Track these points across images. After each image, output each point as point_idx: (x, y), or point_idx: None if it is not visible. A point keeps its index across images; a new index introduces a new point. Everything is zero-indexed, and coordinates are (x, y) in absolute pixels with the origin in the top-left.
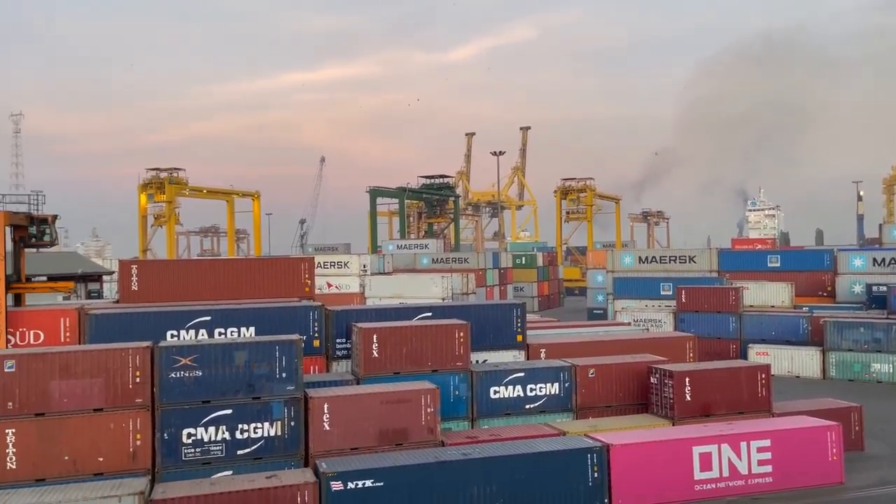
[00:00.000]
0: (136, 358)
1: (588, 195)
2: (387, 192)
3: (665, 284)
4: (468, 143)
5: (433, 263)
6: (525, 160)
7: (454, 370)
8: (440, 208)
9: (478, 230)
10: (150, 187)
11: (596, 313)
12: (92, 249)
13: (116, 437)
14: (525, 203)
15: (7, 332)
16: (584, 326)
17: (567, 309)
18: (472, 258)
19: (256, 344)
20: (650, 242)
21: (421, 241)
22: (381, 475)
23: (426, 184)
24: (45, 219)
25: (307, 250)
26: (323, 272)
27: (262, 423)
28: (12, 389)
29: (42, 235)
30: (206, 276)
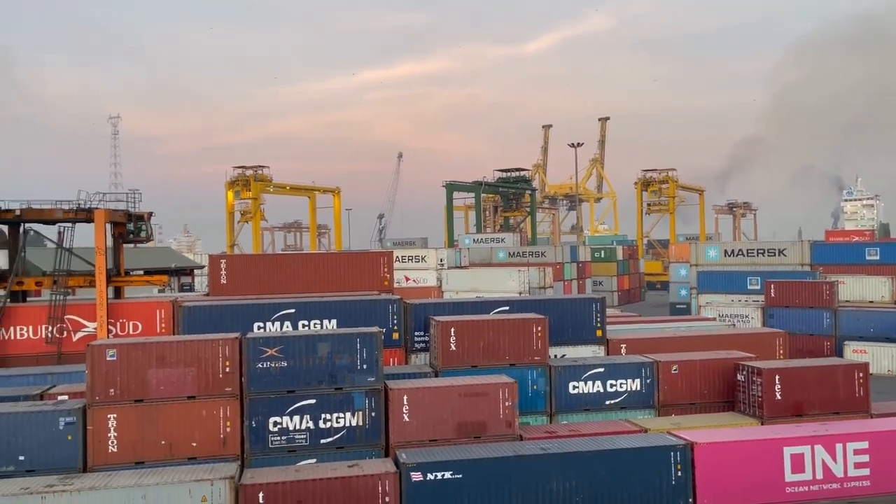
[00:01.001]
0: (225, 348)
1: (670, 186)
2: (463, 186)
3: (752, 278)
4: (545, 135)
5: (510, 257)
6: (604, 151)
7: (532, 364)
8: (516, 202)
9: (555, 223)
10: (237, 184)
11: (679, 308)
12: (183, 245)
13: (208, 424)
14: (604, 195)
15: (108, 323)
16: (667, 322)
17: (648, 304)
18: (549, 252)
19: (339, 336)
20: (736, 235)
21: (497, 235)
22: (460, 467)
23: (502, 177)
24: (141, 216)
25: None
26: (401, 266)
27: (344, 413)
28: (114, 377)
29: (139, 232)
30: (291, 270)
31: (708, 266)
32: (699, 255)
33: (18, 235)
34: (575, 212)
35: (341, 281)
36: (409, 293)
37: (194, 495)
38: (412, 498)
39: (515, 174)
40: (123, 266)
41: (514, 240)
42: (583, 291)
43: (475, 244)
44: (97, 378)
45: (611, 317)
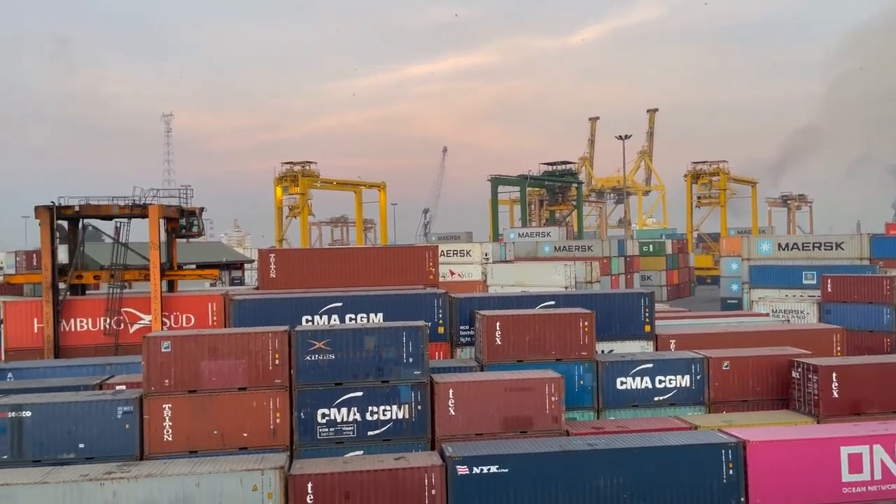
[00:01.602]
0: (275, 341)
1: (721, 179)
2: (508, 180)
3: (808, 273)
4: (592, 127)
5: (555, 251)
6: (652, 144)
7: (579, 360)
8: (562, 195)
9: (602, 217)
10: (285, 180)
11: (730, 303)
12: (234, 239)
13: (258, 415)
14: (652, 188)
15: (162, 315)
16: (718, 317)
17: (698, 298)
18: (596, 246)
19: (385, 329)
20: (790, 228)
21: (543, 229)
22: (506, 461)
23: (548, 171)
24: (193, 211)
25: (430, 239)
26: (446, 260)
27: (391, 405)
28: (168, 368)
29: (191, 227)
30: (338, 264)
31: (761, 260)
32: (751, 248)
33: (78, 231)
34: (622, 205)
35: (387, 275)
36: (454, 287)
37: (245, 484)
38: (458, 491)
39: (561, 167)
40: (176, 260)
41: (559, 234)
42: (630, 286)
43: (520, 238)
44: (153, 369)
45: (660, 312)
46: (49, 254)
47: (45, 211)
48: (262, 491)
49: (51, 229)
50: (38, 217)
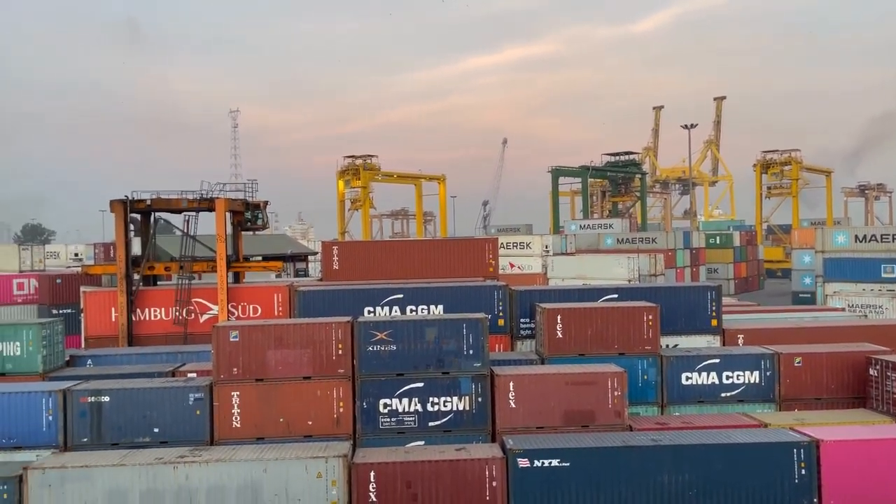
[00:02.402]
0: (338, 331)
1: (793, 168)
2: (569, 171)
3: (888, 266)
4: (656, 117)
5: (618, 244)
6: (719, 132)
7: (642, 354)
8: (625, 186)
9: (666, 208)
10: (347, 174)
11: (802, 297)
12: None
13: (322, 404)
14: (719, 179)
15: (229, 306)
16: (789, 311)
17: (768, 292)
18: (660, 238)
19: (445, 321)
20: (868, 219)
21: (605, 221)
22: (568, 455)
23: (610, 161)
24: (258, 204)
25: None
26: (505, 253)
27: (451, 397)
28: (236, 357)
29: (255, 219)
30: (398, 257)
31: (836, 252)
32: (826, 240)
33: (149, 224)
34: (688, 196)
35: (447, 267)
36: (513, 280)
37: (310, 471)
38: (519, 484)
39: (625, 158)
40: (242, 252)
41: (622, 225)
42: (696, 279)
43: (582, 230)
44: (222, 357)
45: (727, 306)
46: (123, 246)
47: (119, 205)
48: (326, 478)
49: (124, 222)
50: (112, 211)
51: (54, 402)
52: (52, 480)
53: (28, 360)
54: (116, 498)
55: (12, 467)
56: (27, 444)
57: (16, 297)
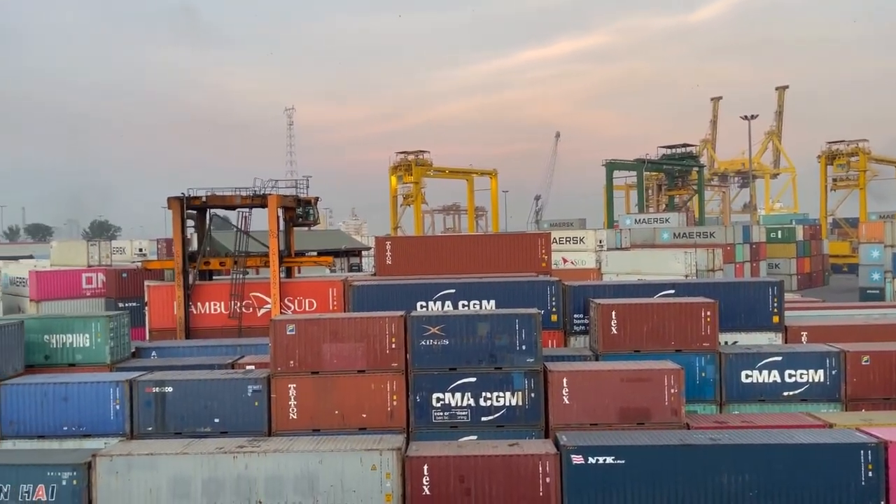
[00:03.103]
0: (391, 325)
1: (860, 159)
2: (624, 164)
3: None
4: (714, 108)
5: (674, 238)
6: (781, 123)
7: (700, 351)
8: (682, 180)
9: (725, 202)
10: (400, 169)
11: (870, 294)
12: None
13: (376, 397)
14: (781, 171)
15: (281, 300)
16: (856, 308)
17: (833, 288)
18: (718, 232)
19: (498, 316)
20: None
21: (661, 215)
22: (623, 453)
23: (667, 154)
24: (309, 201)
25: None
26: (558, 247)
27: (504, 392)
28: (293, 350)
29: (307, 215)
30: (450, 252)
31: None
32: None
33: (205, 220)
34: (748, 189)
35: (499, 262)
36: (567, 275)
37: (365, 463)
38: (573, 480)
39: (681, 150)
40: (294, 247)
41: (679, 220)
42: (756, 274)
43: (637, 225)
44: (279, 350)
45: (790, 302)
46: (180, 241)
47: (175, 202)
48: (380, 470)
49: (181, 219)
50: (170, 207)
51: (121, 392)
52: (119, 467)
53: (97, 352)
54: (180, 485)
55: (82, 454)
56: (96, 432)
57: (84, 290)
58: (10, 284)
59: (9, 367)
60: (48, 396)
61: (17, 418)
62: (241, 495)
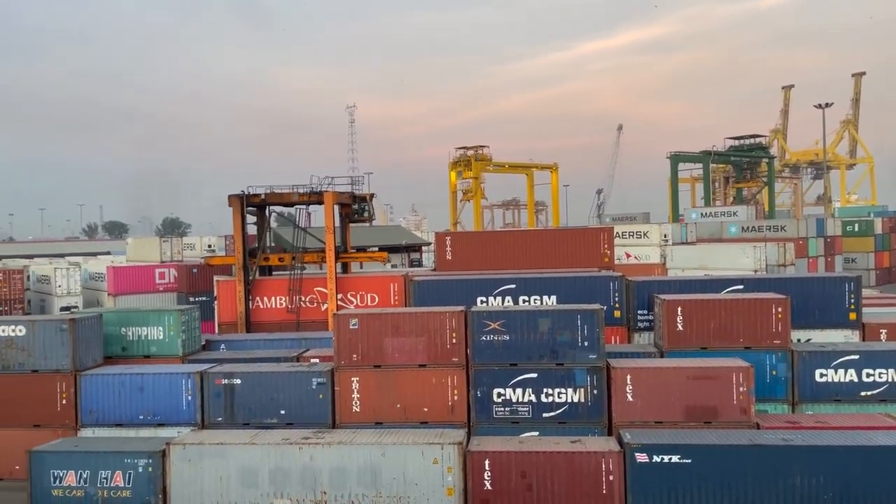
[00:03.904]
0: (452, 321)
1: None
2: (689, 156)
3: None
4: (785, 96)
5: (743, 232)
6: (858, 111)
7: (771, 348)
8: (751, 171)
9: (797, 194)
10: (459, 165)
11: None
12: (412, 223)
13: (437, 392)
14: (858, 161)
15: (344, 295)
16: None
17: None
18: (790, 225)
19: (559, 312)
20: None
21: (729, 208)
22: (689, 452)
23: (734, 146)
24: (364, 197)
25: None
26: (621, 242)
27: (566, 388)
28: (356, 344)
29: (362, 212)
30: (511, 247)
31: None
32: None
33: (265, 217)
34: (821, 181)
35: (560, 257)
36: (630, 270)
37: (426, 457)
38: (637, 479)
39: (750, 141)
40: (350, 243)
41: (748, 213)
42: (831, 269)
43: (703, 218)
44: (342, 344)
45: (867, 298)
46: (240, 238)
47: (236, 199)
48: (442, 464)
49: (241, 216)
50: (230, 205)
51: (192, 384)
52: (191, 456)
53: (169, 344)
54: (248, 474)
55: (156, 443)
56: (169, 421)
57: (157, 285)
58: (90, 279)
59: (89, 359)
60: (125, 386)
61: (96, 407)
62: (307, 486)
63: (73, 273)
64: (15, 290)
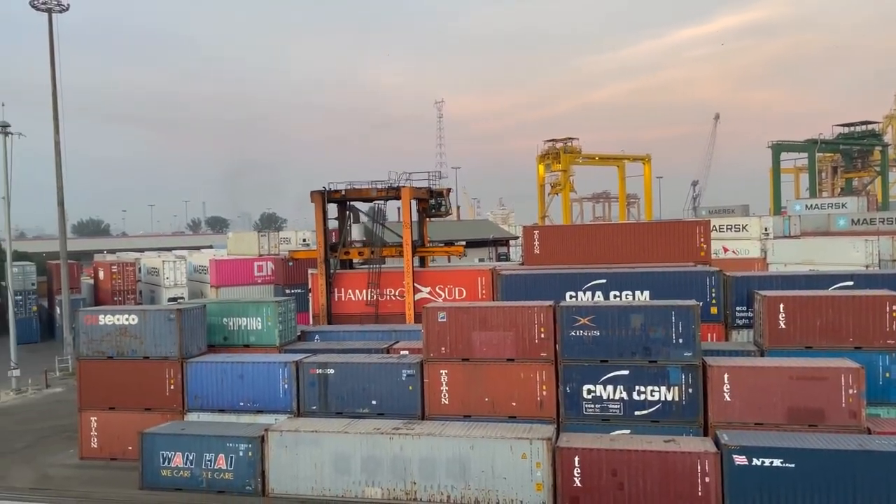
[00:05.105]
0: (540, 315)
1: None
2: (793, 145)
3: None
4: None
5: (853, 225)
6: None
7: (884, 349)
8: (862, 160)
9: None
10: (547, 158)
11: None
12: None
13: (526, 386)
14: None
15: (432, 289)
16: None
17: None
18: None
19: (652, 308)
20: None
21: (837, 200)
22: (792, 456)
23: (844, 133)
24: (441, 192)
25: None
26: (718, 236)
27: (659, 386)
28: (444, 337)
29: (439, 207)
30: (601, 241)
31: None
32: None
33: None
34: None
35: (653, 251)
36: (728, 265)
37: (515, 451)
38: (735, 482)
39: (861, 128)
40: (427, 237)
41: (858, 204)
42: None
43: (808, 210)
44: (431, 337)
45: None
46: (322, 232)
47: (318, 195)
48: (530, 460)
49: (323, 211)
50: (312, 201)
51: (289, 373)
52: (287, 442)
53: (267, 334)
54: (341, 461)
55: (255, 429)
56: (267, 408)
57: (256, 277)
58: (194, 272)
59: (194, 347)
60: (227, 374)
61: (200, 393)
62: (397, 475)
63: (179, 266)
64: (128, 281)
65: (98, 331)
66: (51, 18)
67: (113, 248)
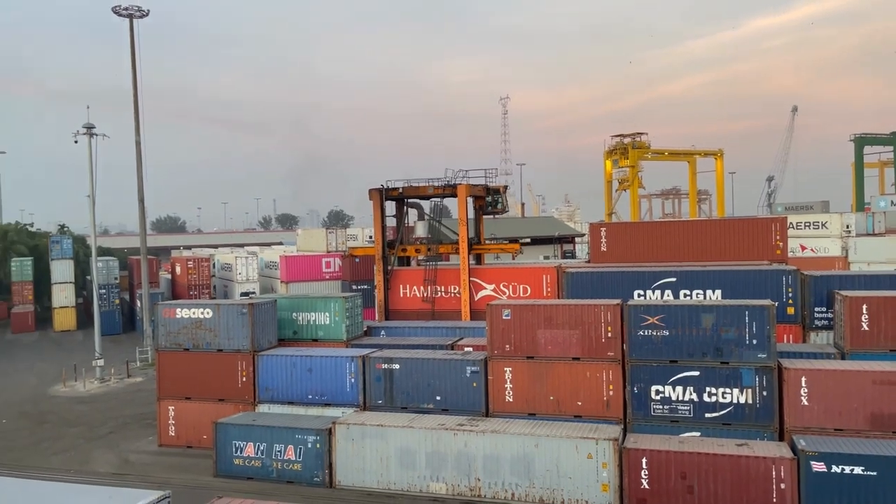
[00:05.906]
0: (607, 314)
1: None
2: (878, 139)
3: None
4: None
5: None
6: None
7: None
8: None
9: None
10: (615, 153)
11: None
12: (564, 214)
13: (592, 386)
14: None
15: (497, 286)
16: None
17: None
18: None
19: (725, 307)
20: None
21: None
22: (875, 464)
23: None
24: (497, 189)
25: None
26: (795, 233)
27: (731, 388)
28: (508, 334)
29: (495, 204)
30: (670, 238)
31: None
32: None
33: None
34: None
35: (725, 249)
36: (806, 264)
37: (580, 451)
38: (813, 489)
39: None
40: (483, 234)
41: None
42: None
43: (893, 207)
44: (495, 334)
45: None
46: (379, 229)
47: (375, 192)
48: (596, 460)
49: (381, 208)
50: (370, 198)
51: (356, 367)
52: (354, 435)
53: (335, 329)
54: (406, 456)
55: (323, 421)
56: (335, 401)
57: (324, 273)
58: (265, 268)
59: (265, 340)
60: (296, 367)
61: (271, 385)
62: (461, 471)
63: (251, 261)
64: (203, 276)
65: (175, 324)
66: (132, 24)
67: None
